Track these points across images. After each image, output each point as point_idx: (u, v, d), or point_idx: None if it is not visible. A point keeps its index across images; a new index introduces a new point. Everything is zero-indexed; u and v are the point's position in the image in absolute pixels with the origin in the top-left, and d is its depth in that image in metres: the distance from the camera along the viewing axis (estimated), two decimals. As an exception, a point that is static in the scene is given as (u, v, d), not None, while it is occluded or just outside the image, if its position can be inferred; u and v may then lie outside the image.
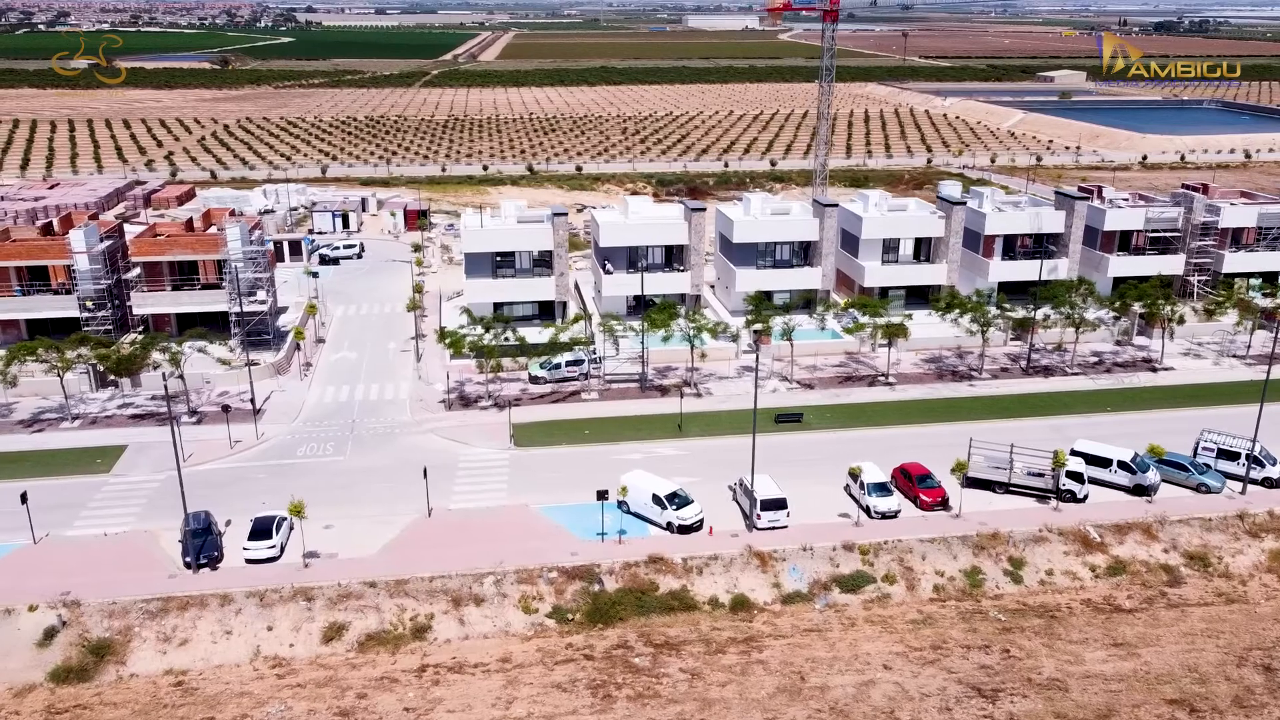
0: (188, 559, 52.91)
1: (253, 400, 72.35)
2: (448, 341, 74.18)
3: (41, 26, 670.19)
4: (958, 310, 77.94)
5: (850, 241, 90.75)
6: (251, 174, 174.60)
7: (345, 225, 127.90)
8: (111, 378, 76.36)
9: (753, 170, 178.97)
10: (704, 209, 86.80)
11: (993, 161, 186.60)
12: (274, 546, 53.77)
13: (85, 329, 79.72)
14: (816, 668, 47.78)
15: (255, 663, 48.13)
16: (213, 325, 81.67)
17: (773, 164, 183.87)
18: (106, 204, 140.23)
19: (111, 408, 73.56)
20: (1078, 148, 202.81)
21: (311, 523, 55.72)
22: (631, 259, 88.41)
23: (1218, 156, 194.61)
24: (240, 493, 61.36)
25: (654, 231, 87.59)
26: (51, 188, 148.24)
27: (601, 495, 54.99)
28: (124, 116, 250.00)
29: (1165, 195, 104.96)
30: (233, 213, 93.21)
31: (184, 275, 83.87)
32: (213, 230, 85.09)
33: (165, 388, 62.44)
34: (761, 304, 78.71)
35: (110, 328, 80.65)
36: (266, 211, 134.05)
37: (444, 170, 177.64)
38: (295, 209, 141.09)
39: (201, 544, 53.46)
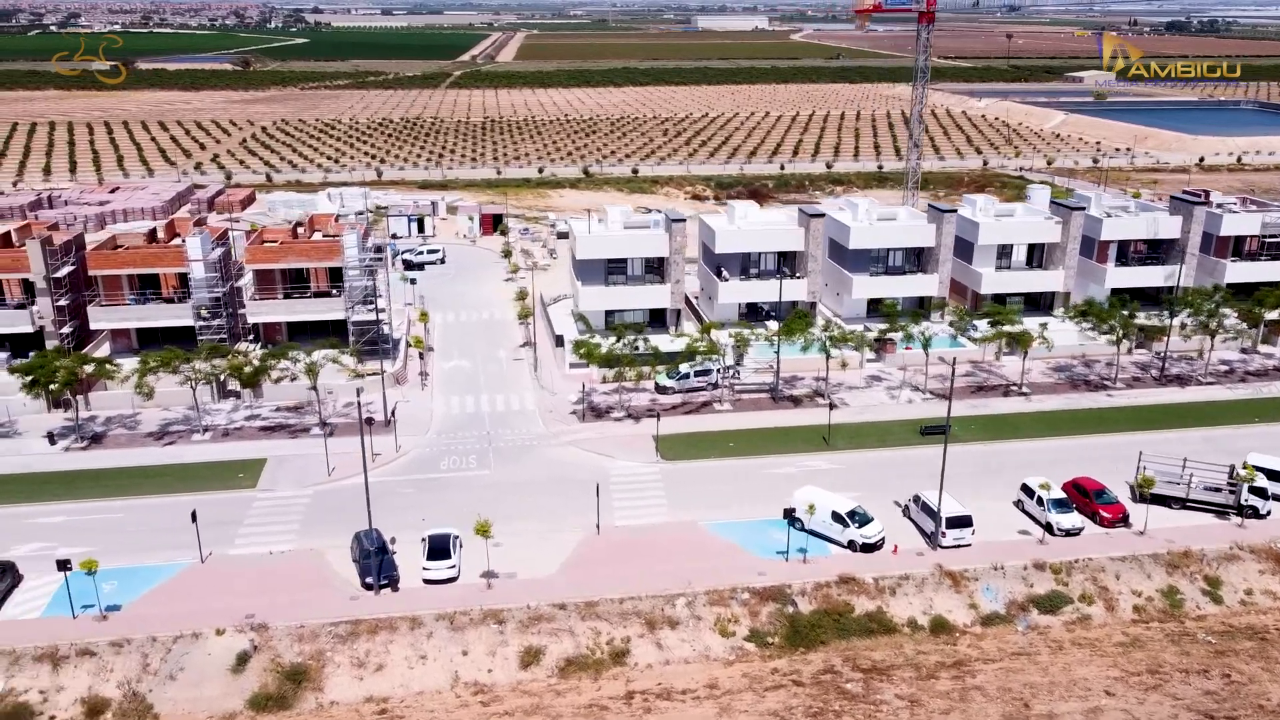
0: (368, 580, 51.34)
1: (387, 412, 70.74)
2: (582, 351, 72.45)
3: (54, 28, 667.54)
4: (1094, 318, 76.38)
5: (963, 247, 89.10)
6: (304, 177, 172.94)
7: (420, 230, 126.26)
8: (232, 388, 74.76)
9: (809, 172, 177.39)
10: (822, 214, 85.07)
11: (1049, 164, 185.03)
12: (454, 567, 52.23)
13: (200, 338, 78.22)
14: (1037, 694, 46.24)
15: (456, 689, 46.58)
16: (321, 334, 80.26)
17: (828, 166, 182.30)
18: (170, 208, 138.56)
19: (239, 419, 71.94)
20: (1128, 149, 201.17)
21: (477, 540, 54.16)
22: (744, 265, 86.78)
23: (1272, 158, 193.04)
24: (392, 508, 59.79)
25: (768, 237, 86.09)
26: (111, 192, 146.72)
27: (789, 514, 53.43)
28: (156, 118, 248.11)
29: (1270, 199, 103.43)
30: (336, 218, 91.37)
31: (295, 283, 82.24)
32: (318, 235, 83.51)
33: (317, 399, 60.83)
34: (896, 312, 77.17)
35: (225, 337, 79.07)
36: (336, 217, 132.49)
37: (499, 173, 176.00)
38: (361, 213, 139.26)
39: (379, 564, 51.83)
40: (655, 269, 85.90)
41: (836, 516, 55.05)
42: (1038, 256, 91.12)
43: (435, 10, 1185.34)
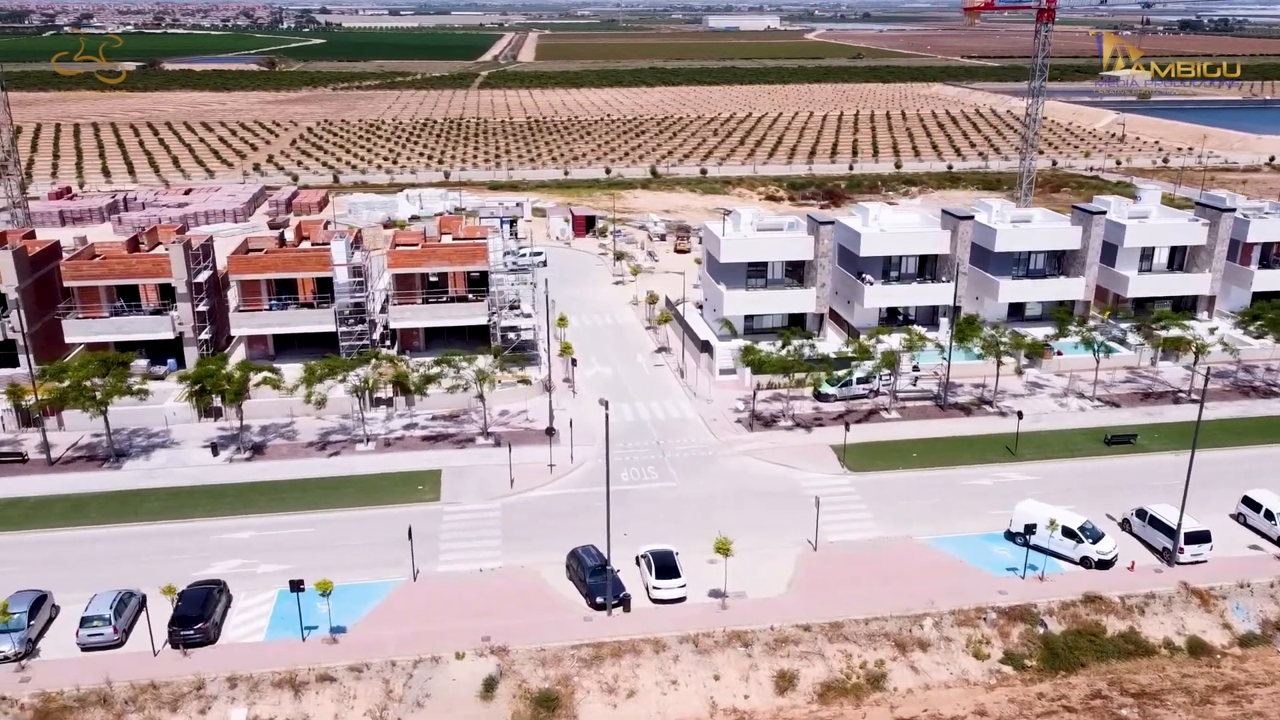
0: (598, 599, 49.18)
1: (552, 421, 68.67)
2: (748, 359, 70.35)
3: (67, 29, 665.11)
4: (1267, 325, 74.35)
5: (1105, 251, 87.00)
6: (370, 179, 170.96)
7: (514, 232, 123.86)
8: (381, 397, 72.69)
9: (878, 173, 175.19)
10: (970, 217, 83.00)
11: (1118, 164, 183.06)
12: (684, 585, 50.10)
13: (343, 344, 76.23)
14: (1325, 720, 44.12)
15: (715, 717, 44.41)
16: (456, 339, 78.39)
17: (897, 166, 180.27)
18: (249, 209, 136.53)
19: (397, 429, 69.82)
20: (1190, 148, 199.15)
21: (693, 556, 52.19)
22: (885, 269, 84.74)
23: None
24: (592, 524, 57.56)
25: (911, 241, 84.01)
26: (185, 193, 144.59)
27: (1029, 529, 51.37)
28: (195, 119, 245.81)
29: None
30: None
31: (433, 288, 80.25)
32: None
33: (484, 408, 58.60)
34: (1065, 316, 75.19)
35: (366, 342, 77.07)
36: (415, 218, 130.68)
37: (566, 174, 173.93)
38: (440, 214, 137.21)
39: (609, 583, 49.75)
40: (794, 273, 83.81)
41: (1068, 532, 52.94)
42: (1178, 259, 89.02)
43: (442, 10, 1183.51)
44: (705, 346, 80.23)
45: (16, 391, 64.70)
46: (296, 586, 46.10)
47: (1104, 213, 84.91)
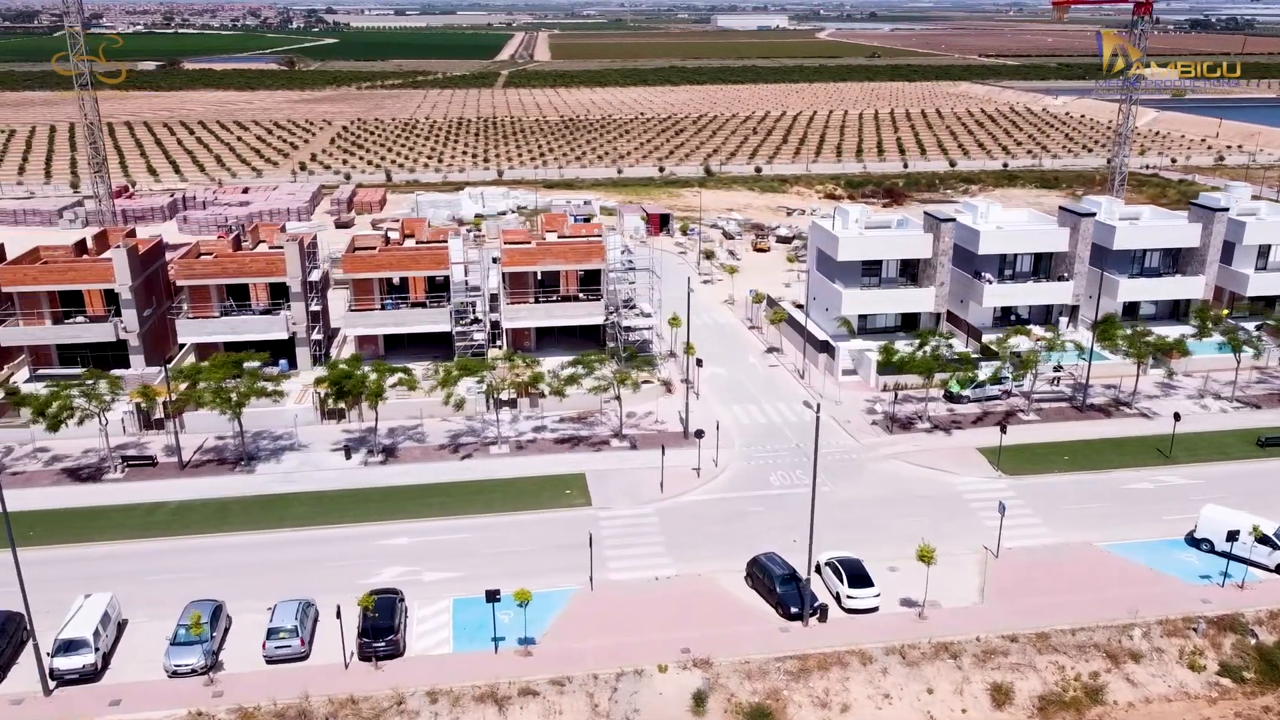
0: (792, 609, 47.40)
1: (687, 423, 66.88)
2: (887, 359, 68.56)
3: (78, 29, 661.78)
4: None
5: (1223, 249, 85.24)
6: (422, 177, 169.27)
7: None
8: (503, 398, 70.87)
9: (934, 170, 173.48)
10: (1091, 214, 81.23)
11: (1173, 162, 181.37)
12: (878, 594, 48.32)
13: (458, 344, 74.51)
14: None
15: (936, 731, 42.62)
16: (565, 339, 76.70)
17: (952, 164, 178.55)
18: (311, 208, 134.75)
19: (527, 430, 68.01)
20: (1240, 146, 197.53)
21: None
22: (999, 268, 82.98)
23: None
24: (753, 530, 56.02)
25: (1029, 239, 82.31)
26: (244, 192, 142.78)
27: (1232, 537, 49.61)
28: (225, 119, 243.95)
29: None
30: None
31: (545, 287, 78.48)
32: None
33: (620, 409, 56.88)
34: (1207, 318, 73.45)
35: (483, 342, 75.31)
36: (480, 216, 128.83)
37: (620, 172, 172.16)
38: (503, 213, 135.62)
39: (798, 591, 48.00)
40: (908, 272, 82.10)
41: (1264, 539, 51.12)
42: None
43: (448, 10, 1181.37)
44: (825, 347, 78.45)
45: (148, 393, 62.80)
46: (492, 596, 44.36)
47: (1226, 209, 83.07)
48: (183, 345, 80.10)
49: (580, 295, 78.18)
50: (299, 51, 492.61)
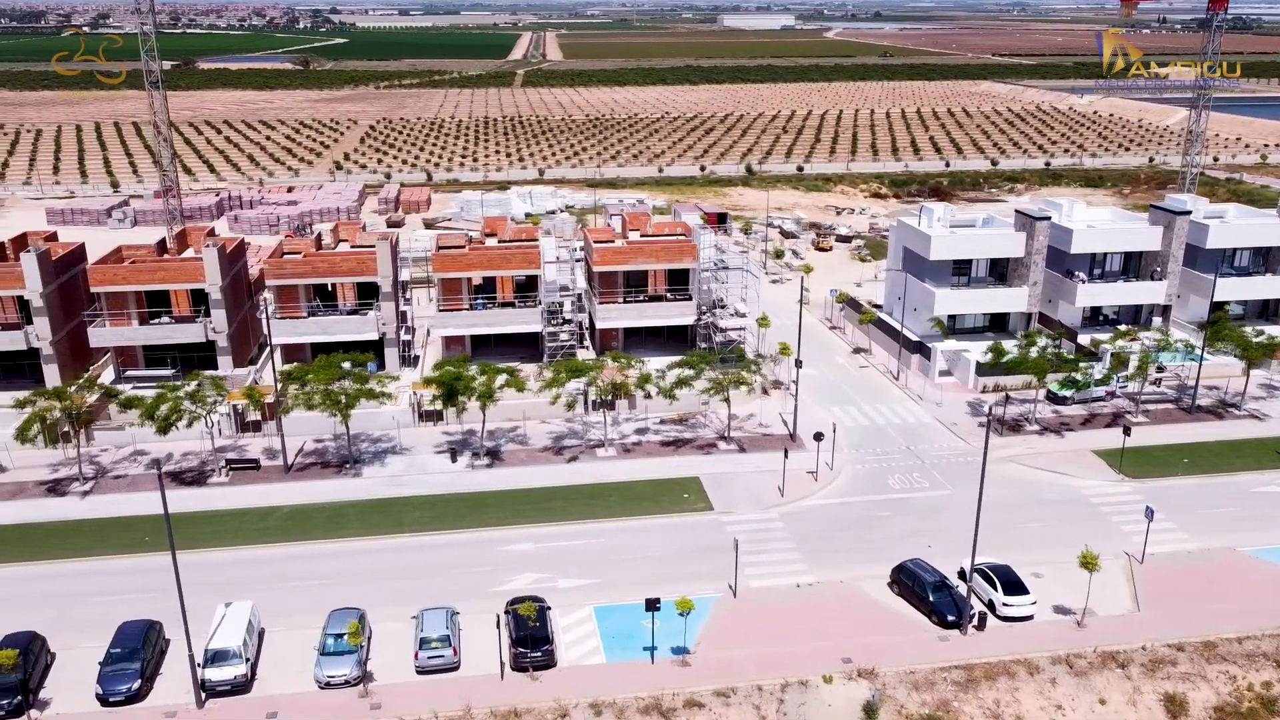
0: (950, 617, 46.11)
1: (795, 424, 65.62)
2: (994, 359, 67.31)
3: (86, 29, 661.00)
4: None
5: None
6: (463, 176, 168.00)
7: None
8: (606, 399, 69.53)
9: (976, 170, 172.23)
10: (1188, 212, 79.95)
11: (1215, 161, 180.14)
12: (1034, 602, 47.04)
13: (550, 344, 73.24)
14: None
15: (1113, 743, 41.33)
16: (652, 339, 75.47)
17: (993, 163, 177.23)
18: (359, 207, 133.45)
19: (629, 432, 66.72)
20: (1277, 145, 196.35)
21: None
22: (1089, 267, 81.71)
23: None
24: (884, 536, 54.85)
25: (1121, 238, 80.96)
26: (289, 191, 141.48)
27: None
28: (246, 118, 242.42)
29: None
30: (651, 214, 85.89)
31: (633, 286, 77.19)
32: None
33: (728, 411, 55.54)
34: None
35: (574, 342, 74.05)
36: (531, 215, 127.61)
37: (660, 171, 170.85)
38: (552, 212, 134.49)
39: (951, 599, 46.73)
40: (999, 272, 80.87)
41: None
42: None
43: (451, 10, 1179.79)
44: (918, 347, 77.19)
45: (254, 395, 61.49)
46: (652, 605, 43.10)
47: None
48: (263, 345, 78.93)
49: (667, 295, 76.75)
50: (310, 51, 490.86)
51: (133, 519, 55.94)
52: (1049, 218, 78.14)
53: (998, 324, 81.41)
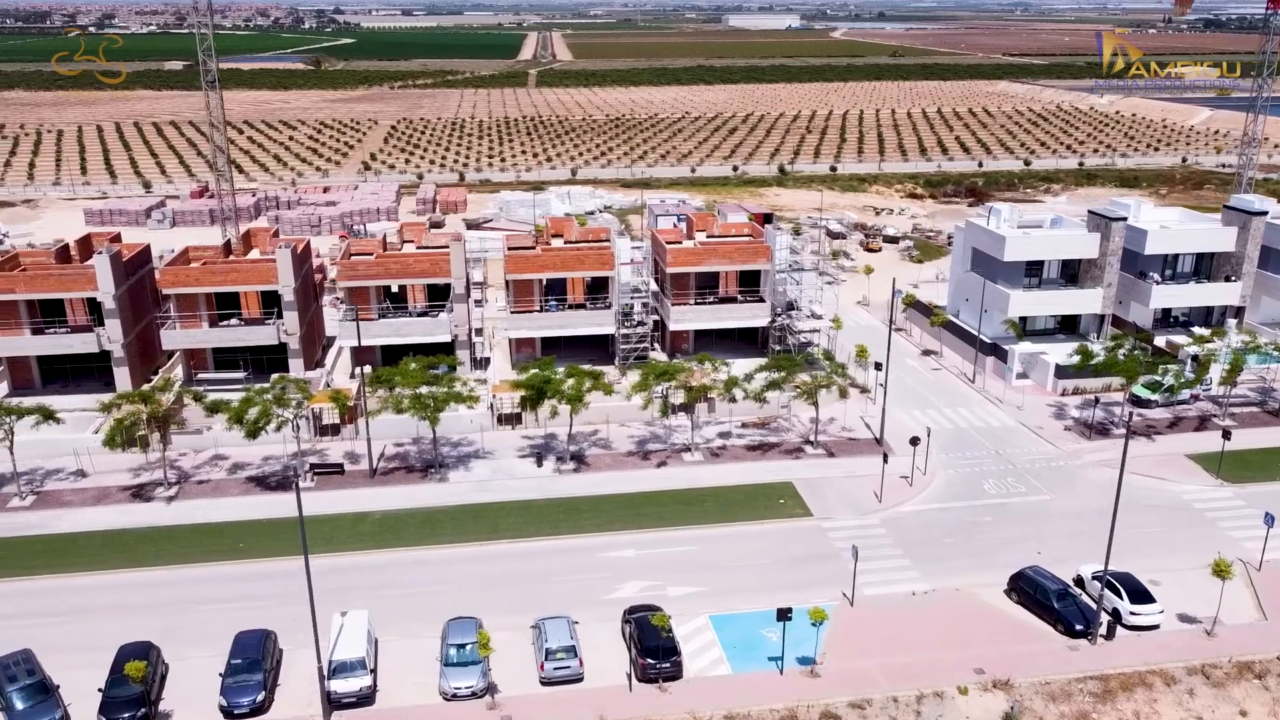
0: (1077, 626, 45.17)
1: (881, 429, 64.69)
2: (1081, 361, 66.39)
3: (92, 29, 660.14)
4: None
5: None
6: (495, 177, 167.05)
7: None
8: (683, 403, 68.56)
9: (1009, 170, 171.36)
10: (1264, 213, 79.04)
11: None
12: (1161, 610, 46.10)
13: (623, 347, 72.29)
14: None
15: (1260, 756, 40.38)
16: (722, 341, 74.57)
17: (1026, 163, 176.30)
18: (397, 207, 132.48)
19: (713, 436, 65.80)
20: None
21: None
22: (1160, 268, 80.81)
23: None
24: (990, 542, 53.89)
25: (1195, 238, 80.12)
26: (325, 191, 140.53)
27: None
28: (262, 118, 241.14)
29: None
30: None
31: (703, 288, 76.22)
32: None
33: (816, 415, 54.61)
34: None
35: (645, 345, 73.11)
36: (578, 215, 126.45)
37: (693, 170, 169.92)
38: (591, 213, 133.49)
39: (1078, 607, 45.82)
40: (1070, 273, 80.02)
41: None
42: None
43: (454, 10, 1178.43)
44: (992, 349, 76.22)
45: (339, 398, 60.52)
46: (784, 615, 42.13)
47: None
48: (325, 347, 78.08)
49: (738, 296, 75.83)
50: (319, 51, 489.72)
51: (222, 525, 55.01)
52: (1124, 218, 77.24)
53: (1068, 325, 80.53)
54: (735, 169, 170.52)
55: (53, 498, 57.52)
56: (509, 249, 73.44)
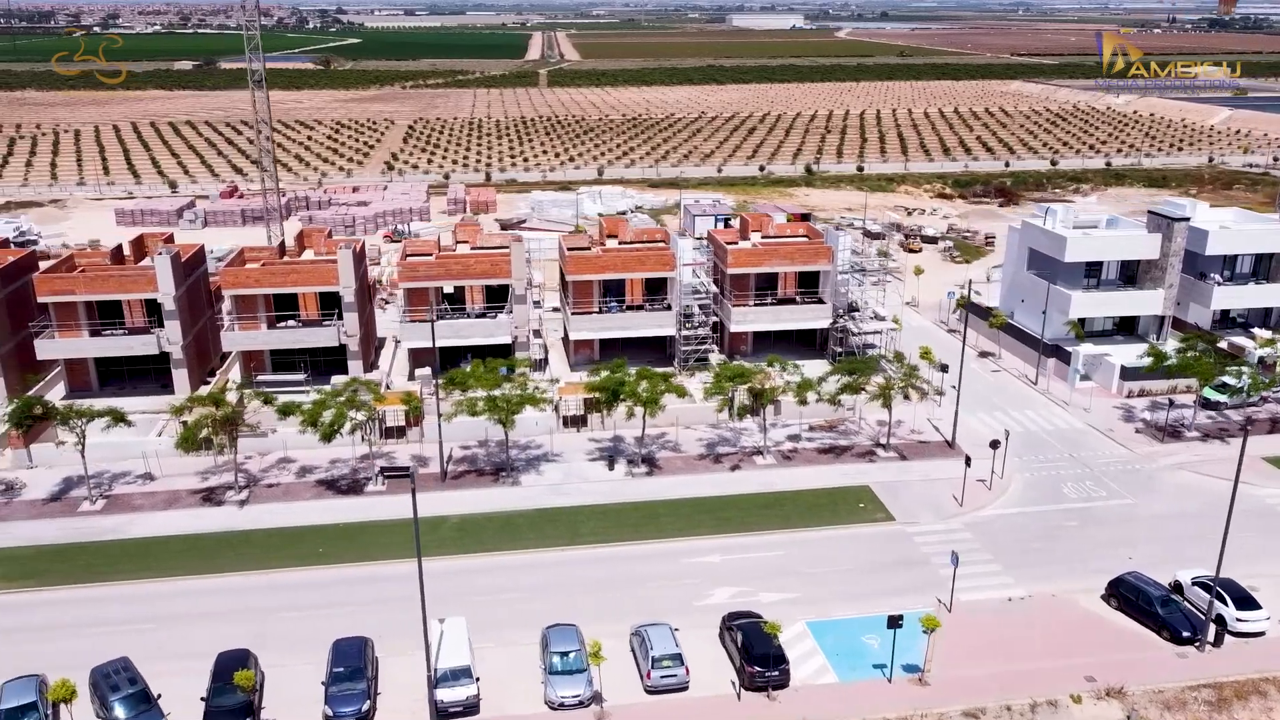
0: (1184, 633, 44.48)
1: (954, 432, 63.93)
2: (1154, 363, 65.69)
3: (96, 29, 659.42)
4: None
5: None
6: (522, 177, 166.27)
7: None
8: (748, 405, 67.75)
9: (1036, 169, 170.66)
10: (1326, 213, 78.28)
11: (1276, 160, 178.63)
12: (1268, 618, 45.41)
13: (684, 349, 71.55)
14: None
15: (1384, 766, 39.63)
16: (781, 343, 73.87)
17: (1053, 163, 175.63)
18: (429, 207, 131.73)
19: (782, 439, 65.03)
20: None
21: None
22: (1220, 268, 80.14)
23: None
24: (1082, 546, 53.24)
25: (1258, 238, 79.46)
26: (354, 191, 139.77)
27: None
28: (289, 118, 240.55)
29: None
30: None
31: (760, 289, 75.49)
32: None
33: (889, 418, 53.76)
34: None
35: (707, 347, 72.38)
36: (619, 214, 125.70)
37: (719, 170, 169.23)
38: (624, 213, 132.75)
39: (1183, 614, 45.14)
40: (1129, 275, 79.36)
41: None
42: None
43: (456, 10, 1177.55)
44: (1054, 351, 75.49)
45: (410, 400, 59.77)
46: (894, 622, 41.39)
47: None
48: (377, 349, 77.35)
49: (797, 298, 75.11)
50: (325, 51, 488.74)
51: (298, 530, 54.31)
52: (1187, 219, 76.45)
53: (1125, 327, 79.89)
54: (761, 169, 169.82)
55: (123, 501, 56.74)
56: (568, 249, 72.66)
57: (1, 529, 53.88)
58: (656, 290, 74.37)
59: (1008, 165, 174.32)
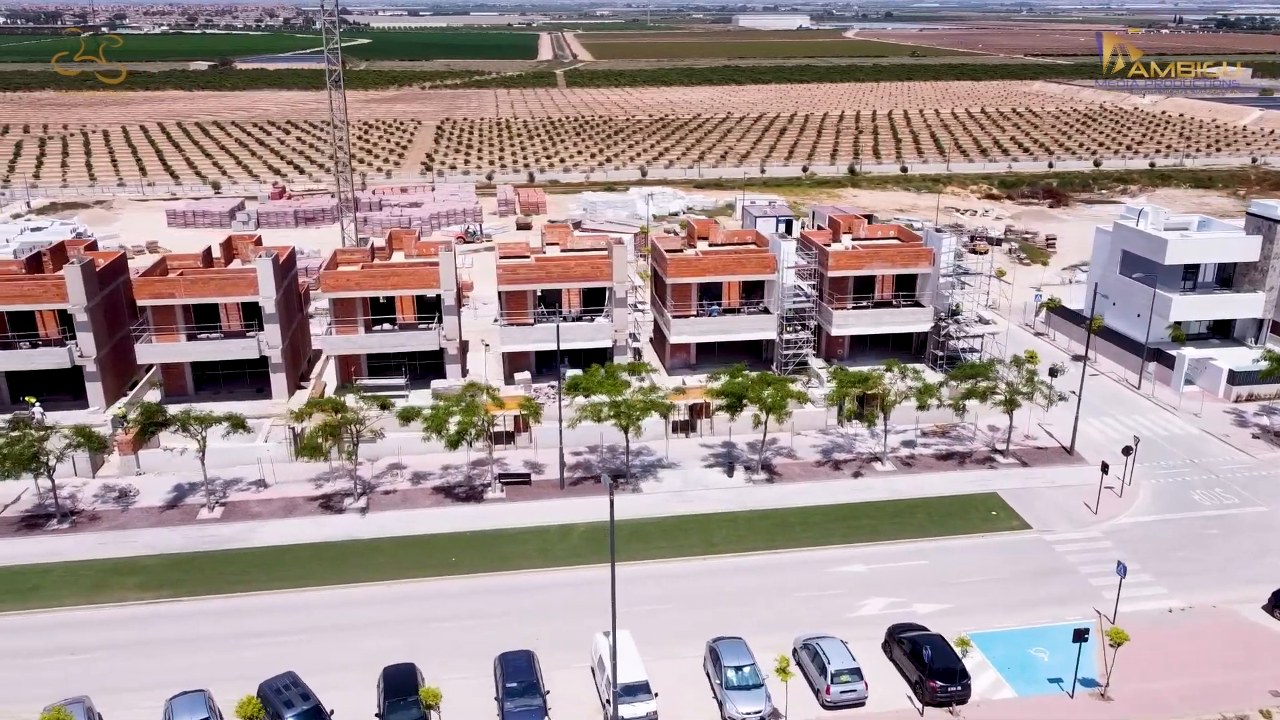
0: (1362, 646, 43.33)
1: (1074, 437, 62.88)
2: (1273, 366, 64.69)
3: (104, 29, 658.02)
4: None
5: None
6: (564, 178, 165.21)
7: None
8: (853, 410, 66.79)
9: (1080, 171, 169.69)
10: None
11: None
12: None
13: (784, 353, 70.46)
14: None
15: None
16: (878, 346, 72.80)
17: (1096, 164, 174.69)
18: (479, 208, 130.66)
19: (896, 445, 63.96)
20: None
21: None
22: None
23: None
24: (1231, 554, 52.16)
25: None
26: (403, 191, 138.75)
27: None
28: (313, 118, 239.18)
29: None
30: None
31: (858, 292, 74.41)
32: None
33: (1008, 425, 52.56)
34: None
35: (812, 351, 71.31)
36: (676, 215, 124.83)
37: (762, 171, 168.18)
38: (676, 214, 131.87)
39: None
40: (1225, 277, 78.37)
41: None
42: None
43: (460, 11, 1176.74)
44: (1155, 355, 74.45)
45: (530, 405, 58.63)
46: (1080, 636, 40.35)
47: None
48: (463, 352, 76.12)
49: (894, 301, 74.06)
50: (346, 51, 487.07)
51: (425, 538, 53.24)
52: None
53: (1219, 330, 78.88)
54: (804, 169, 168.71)
55: (240, 509, 55.63)
56: (667, 251, 71.56)
57: (123, 536, 52.74)
58: (751, 293, 73.26)
59: (1051, 166, 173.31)
